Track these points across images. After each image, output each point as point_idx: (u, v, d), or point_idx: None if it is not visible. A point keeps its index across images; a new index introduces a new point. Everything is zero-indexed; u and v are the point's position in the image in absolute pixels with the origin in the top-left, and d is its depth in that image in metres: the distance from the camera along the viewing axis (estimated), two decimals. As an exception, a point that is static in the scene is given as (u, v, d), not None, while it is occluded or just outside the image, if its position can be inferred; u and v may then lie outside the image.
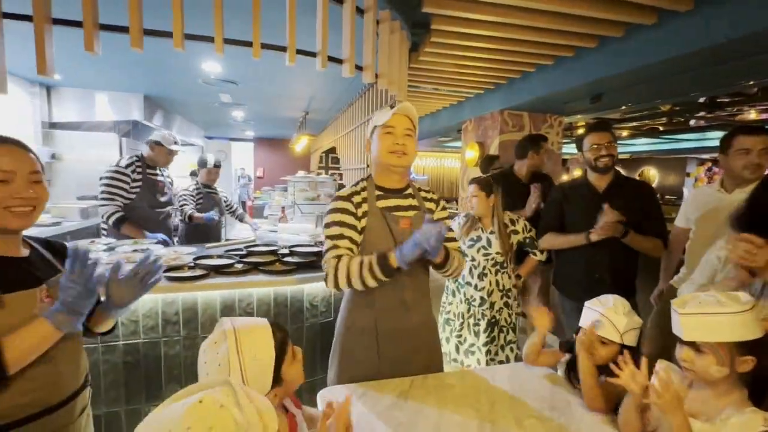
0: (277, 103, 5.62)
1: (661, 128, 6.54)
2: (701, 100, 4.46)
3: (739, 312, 0.91)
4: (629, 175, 2.26)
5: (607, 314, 1.22)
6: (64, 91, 4.71)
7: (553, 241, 2.16)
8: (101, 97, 4.87)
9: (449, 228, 1.45)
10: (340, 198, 1.37)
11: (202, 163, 3.39)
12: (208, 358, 0.85)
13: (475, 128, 4.62)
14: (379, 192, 1.39)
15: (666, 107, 5.01)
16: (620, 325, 1.20)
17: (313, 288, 2.08)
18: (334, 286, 1.29)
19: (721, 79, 2.95)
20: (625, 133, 7.16)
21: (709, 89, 3.44)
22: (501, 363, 2.24)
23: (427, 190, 1.52)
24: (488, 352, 2.24)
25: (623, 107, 4.13)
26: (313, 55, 2.00)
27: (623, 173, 2.13)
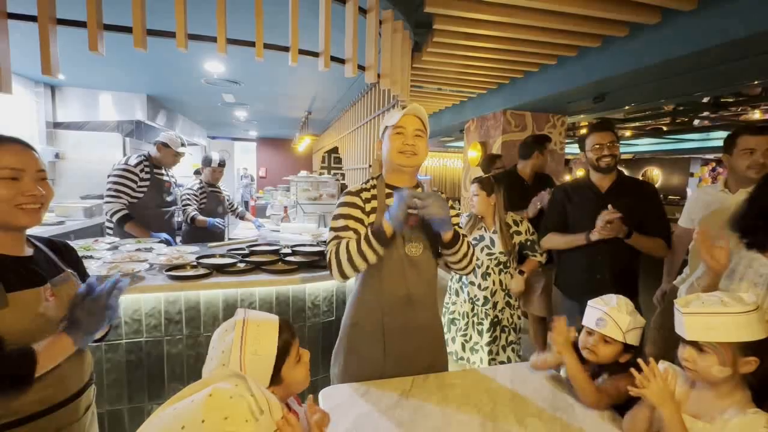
0: (280, 102, 5.63)
1: (665, 128, 6.50)
2: (705, 100, 4.44)
3: (743, 312, 0.90)
4: (633, 175, 2.25)
5: (611, 313, 1.22)
6: (68, 91, 4.74)
7: (554, 241, 2.15)
8: (105, 97, 4.91)
9: (458, 224, 1.46)
10: (349, 193, 1.41)
11: (207, 162, 3.39)
12: (216, 343, 0.87)
13: (478, 128, 4.62)
14: (389, 190, 1.41)
15: (669, 107, 4.99)
16: (623, 324, 1.20)
17: (315, 287, 2.08)
18: (339, 273, 1.28)
19: (725, 79, 2.93)
20: (629, 133, 7.14)
21: (713, 89, 3.42)
22: (502, 363, 2.24)
23: (436, 191, 1.52)
24: (490, 352, 2.24)
25: (626, 107, 4.11)
26: (316, 55, 2.00)
27: (626, 173, 2.12)
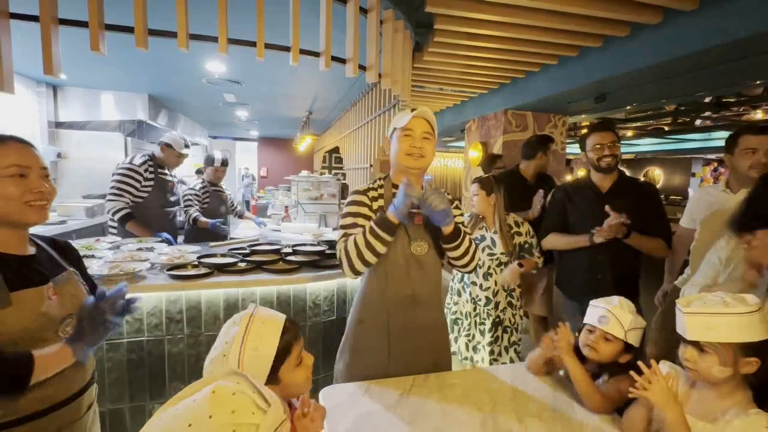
0: (281, 102, 5.64)
1: (666, 128, 6.49)
2: (707, 100, 4.43)
3: (745, 313, 0.90)
4: (634, 176, 2.25)
5: (613, 310, 1.23)
6: (70, 91, 4.75)
7: (556, 241, 2.15)
8: (106, 97, 4.92)
9: (462, 224, 1.47)
10: (357, 192, 1.45)
11: (210, 161, 3.37)
12: (223, 334, 0.88)
13: (479, 128, 4.62)
14: (396, 190, 1.41)
15: (671, 107, 4.98)
16: (625, 322, 1.21)
17: (316, 287, 2.08)
18: (350, 268, 1.31)
19: (726, 79, 2.93)
20: (630, 133, 7.12)
21: (714, 89, 3.41)
22: (504, 364, 2.24)
23: (442, 191, 1.53)
24: (491, 352, 2.24)
25: (628, 107, 4.10)
26: (317, 55, 2.00)
27: (627, 173, 2.12)
